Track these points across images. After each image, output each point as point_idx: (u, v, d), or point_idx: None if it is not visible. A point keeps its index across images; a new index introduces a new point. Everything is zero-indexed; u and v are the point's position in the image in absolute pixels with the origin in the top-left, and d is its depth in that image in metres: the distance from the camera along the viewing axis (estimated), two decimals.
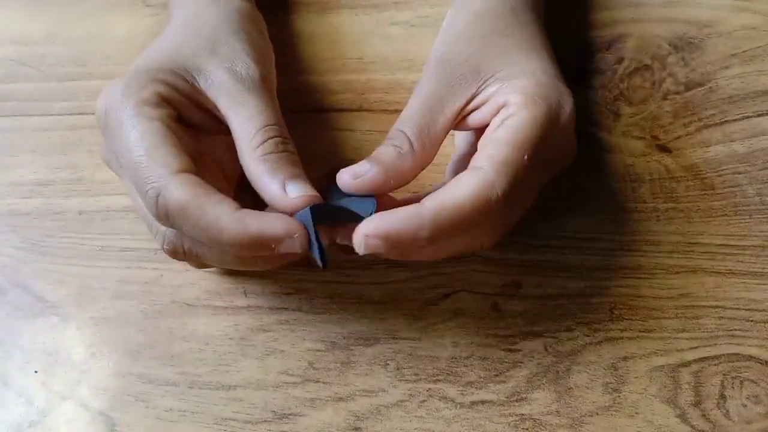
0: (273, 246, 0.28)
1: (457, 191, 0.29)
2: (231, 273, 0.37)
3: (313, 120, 0.41)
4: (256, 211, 0.29)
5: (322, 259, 0.29)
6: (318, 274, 0.36)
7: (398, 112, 0.41)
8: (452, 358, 0.34)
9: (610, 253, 0.36)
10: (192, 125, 0.33)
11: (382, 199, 0.32)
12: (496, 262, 0.36)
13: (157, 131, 0.30)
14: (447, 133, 0.33)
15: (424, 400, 0.33)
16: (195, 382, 0.34)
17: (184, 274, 0.37)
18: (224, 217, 0.28)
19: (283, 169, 0.31)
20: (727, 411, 0.33)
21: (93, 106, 0.42)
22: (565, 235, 0.37)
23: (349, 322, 0.35)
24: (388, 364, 0.34)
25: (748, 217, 0.37)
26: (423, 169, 0.32)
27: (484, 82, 0.33)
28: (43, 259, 0.38)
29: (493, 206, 0.29)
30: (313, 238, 0.29)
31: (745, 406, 0.33)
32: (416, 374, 0.34)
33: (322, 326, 0.35)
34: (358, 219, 0.30)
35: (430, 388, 0.34)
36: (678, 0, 0.44)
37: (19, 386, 0.34)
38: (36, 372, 0.35)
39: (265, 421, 0.33)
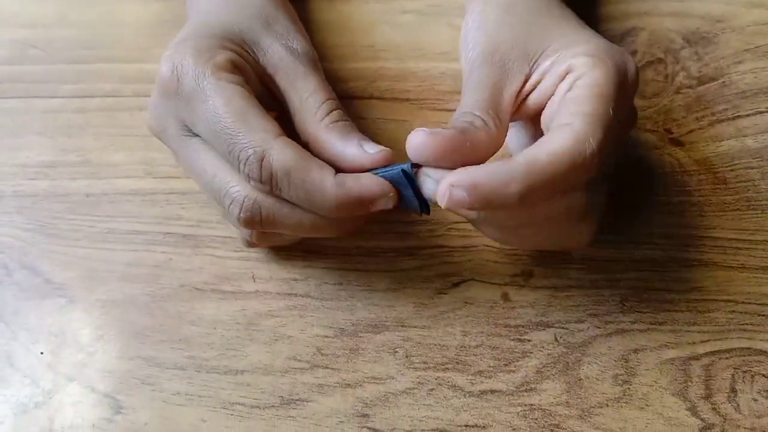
0: (370, 205, 0.30)
1: (550, 145, 0.28)
2: (240, 258, 0.36)
3: None
4: (353, 174, 0.30)
5: (424, 207, 0.30)
6: (326, 260, 0.36)
7: (409, 100, 0.41)
8: (462, 347, 0.34)
9: (622, 245, 0.36)
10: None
11: None
12: (506, 252, 0.36)
13: (245, 96, 0.30)
14: (510, 117, 0.32)
15: (432, 389, 0.33)
16: (202, 366, 0.34)
17: (192, 258, 0.37)
18: (327, 179, 0.29)
19: (354, 133, 0.31)
20: (738, 405, 0.32)
21: (101, 88, 0.42)
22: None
23: (358, 309, 0.35)
24: (396, 352, 0.34)
25: (760, 212, 0.37)
26: (495, 152, 0.30)
27: (535, 61, 0.32)
28: (51, 241, 0.38)
29: (588, 160, 0.27)
30: (409, 193, 0.30)
31: (755, 400, 0.33)
32: (425, 362, 0.34)
33: (330, 312, 0.35)
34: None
35: (439, 377, 0.33)
36: None
37: (25, 367, 0.34)
38: (42, 353, 0.35)
39: (273, 406, 0.33)
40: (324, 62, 0.43)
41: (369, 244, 0.37)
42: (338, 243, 0.37)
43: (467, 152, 0.29)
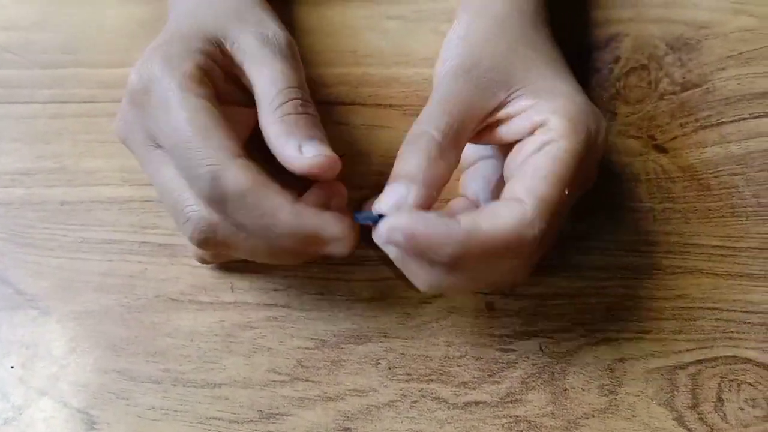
0: (323, 245, 0.29)
1: (495, 220, 0.27)
2: (218, 267, 0.36)
3: None
4: (314, 209, 0.29)
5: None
6: (307, 271, 0.35)
7: (392, 106, 0.41)
8: (445, 357, 0.33)
9: (607, 253, 0.36)
10: (223, 99, 0.32)
11: None
12: None
13: (208, 111, 0.29)
14: (471, 136, 0.31)
15: (416, 401, 0.33)
16: (179, 380, 0.33)
17: (168, 268, 0.36)
18: (283, 208, 0.28)
19: (300, 131, 0.30)
20: (725, 414, 0.32)
21: (78, 94, 0.42)
22: (561, 235, 0.36)
23: (340, 319, 0.34)
24: (379, 363, 0.33)
25: (744, 218, 0.37)
26: (451, 173, 0.30)
27: (515, 92, 0.31)
28: (24, 250, 0.37)
29: (527, 244, 0.28)
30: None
31: (742, 409, 0.32)
32: (408, 374, 0.33)
33: (311, 323, 0.34)
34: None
35: (422, 389, 0.33)
36: (675, 1, 0.44)
37: None
38: (12, 367, 0.34)
39: (251, 420, 0.32)
40: (307, 68, 0.42)
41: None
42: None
43: (435, 200, 0.29)
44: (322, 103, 0.41)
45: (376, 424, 0.32)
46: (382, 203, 0.29)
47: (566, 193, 0.29)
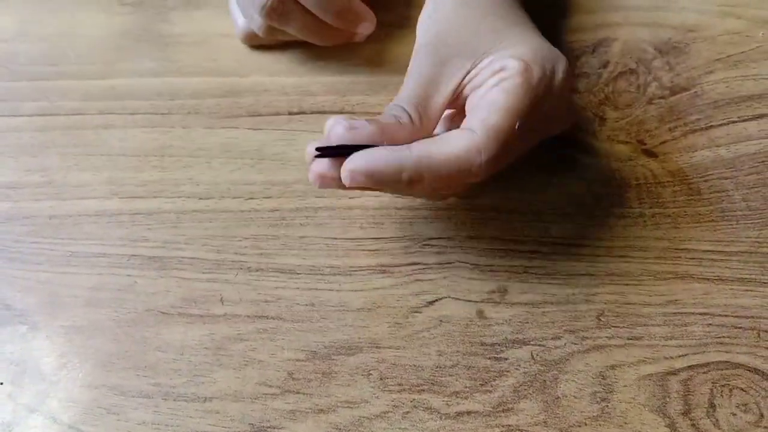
0: (360, 22, 0.41)
1: (445, 146, 0.31)
2: (208, 280, 0.35)
3: (292, 122, 0.40)
4: None
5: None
6: (297, 280, 0.35)
7: (381, 113, 0.41)
8: (437, 367, 0.33)
9: (597, 259, 0.36)
10: None
11: None
12: (481, 268, 0.36)
13: None
14: (444, 110, 0.33)
15: (408, 412, 0.32)
16: (169, 394, 0.33)
17: (158, 281, 0.36)
18: None
19: None
20: (717, 420, 0.32)
21: (64, 106, 0.41)
22: (551, 241, 0.36)
23: (331, 330, 0.34)
24: (370, 374, 0.33)
25: (735, 222, 0.37)
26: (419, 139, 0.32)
27: (479, 59, 0.33)
28: (12, 265, 0.36)
29: (474, 169, 0.31)
30: None
31: (734, 414, 0.32)
32: (400, 384, 0.33)
33: (302, 335, 0.34)
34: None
35: (414, 399, 0.33)
36: (663, 5, 0.44)
37: None
38: (1, 384, 0.33)
39: None
40: (294, 77, 0.42)
41: (341, 262, 0.36)
42: (308, 262, 0.36)
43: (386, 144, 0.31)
44: (311, 113, 0.41)
45: None
46: (337, 124, 0.31)
47: (517, 125, 0.31)
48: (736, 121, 0.40)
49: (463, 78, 0.33)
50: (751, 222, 0.37)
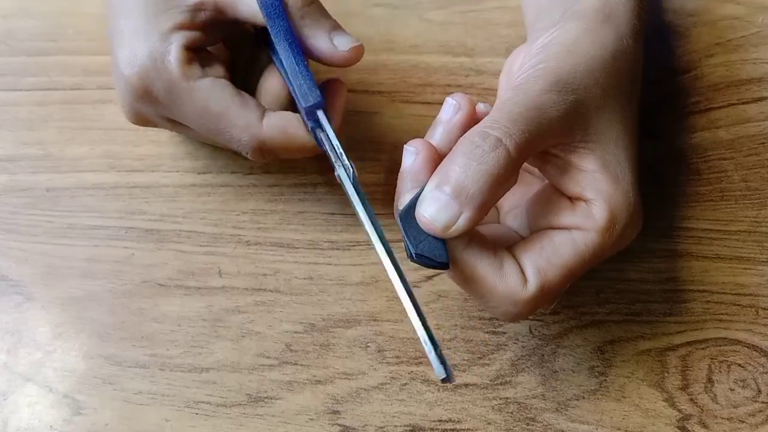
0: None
1: (492, 276, 0.27)
2: (206, 252, 0.35)
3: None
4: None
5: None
6: (295, 254, 0.35)
7: (380, 93, 0.40)
8: None
9: None
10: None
11: None
12: None
13: (217, 92, 0.31)
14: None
15: (405, 383, 0.32)
16: (166, 364, 0.33)
17: (156, 253, 0.35)
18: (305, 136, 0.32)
19: (323, 23, 0.32)
20: (715, 395, 0.32)
21: (63, 81, 0.41)
22: None
23: (329, 303, 0.34)
24: (368, 347, 0.33)
25: (733, 202, 0.37)
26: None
27: (587, 143, 0.29)
28: (8, 236, 0.36)
29: (501, 316, 0.29)
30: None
31: (732, 390, 0.32)
32: (398, 357, 0.33)
33: (300, 308, 0.34)
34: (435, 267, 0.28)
35: (412, 371, 0.33)
36: None
37: None
38: None
39: (240, 404, 0.32)
40: None
41: (340, 237, 0.36)
42: (307, 236, 0.36)
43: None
44: None
45: (366, 406, 0.32)
46: (427, 213, 0.27)
47: (568, 284, 0.28)
48: (735, 104, 0.40)
49: (565, 144, 0.28)
50: (750, 202, 0.37)
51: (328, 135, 0.31)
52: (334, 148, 0.31)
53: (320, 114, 0.31)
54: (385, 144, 0.38)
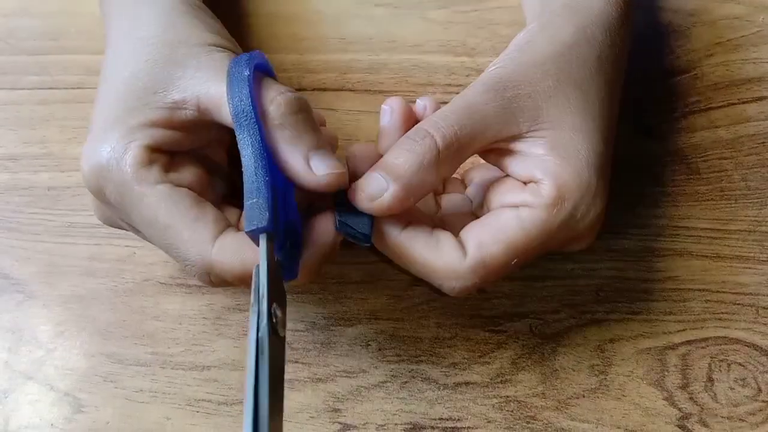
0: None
1: (430, 251, 0.28)
2: None
3: None
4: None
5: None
6: None
7: (381, 92, 0.41)
8: (435, 338, 0.33)
9: (597, 235, 0.36)
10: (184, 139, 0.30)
11: None
12: None
13: (168, 205, 0.27)
14: (472, 155, 0.30)
15: (406, 382, 0.32)
16: (167, 362, 0.33)
17: (157, 251, 0.35)
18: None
19: (303, 140, 0.27)
20: (715, 394, 0.32)
21: (65, 80, 0.41)
22: None
23: (330, 302, 0.34)
24: (369, 345, 0.33)
25: (733, 201, 0.37)
26: (440, 183, 0.29)
27: (538, 130, 0.29)
28: (10, 235, 0.36)
29: (445, 290, 0.29)
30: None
31: (732, 388, 0.32)
32: (398, 355, 0.33)
33: (301, 306, 0.34)
34: (358, 239, 0.28)
35: (412, 369, 0.33)
36: None
37: None
38: None
39: (241, 402, 0.32)
40: (294, 54, 0.42)
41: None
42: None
43: (411, 205, 0.29)
44: (311, 89, 0.41)
45: (366, 404, 0.32)
46: (358, 191, 0.28)
47: (514, 262, 0.28)
48: (735, 103, 0.40)
49: (514, 137, 0.29)
50: (750, 201, 0.37)
51: (260, 275, 0.25)
52: (257, 287, 0.25)
53: (261, 242, 0.25)
54: None
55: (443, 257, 0.28)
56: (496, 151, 0.30)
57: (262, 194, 0.25)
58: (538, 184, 0.29)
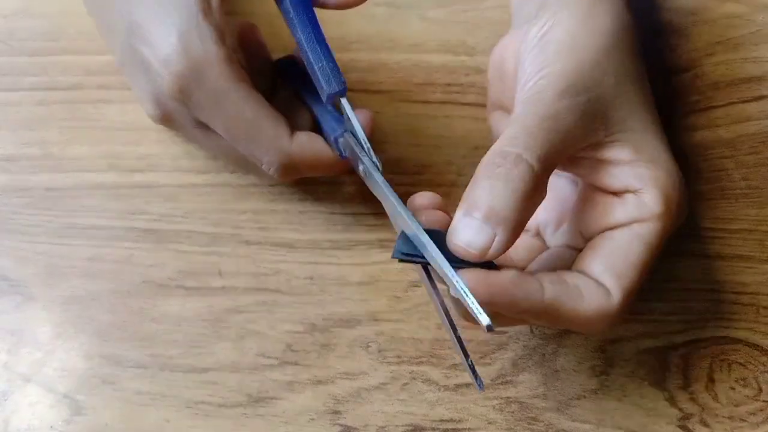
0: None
1: (578, 302, 0.26)
2: (206, 252, 0.35)
3: None
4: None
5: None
6: (295, 254, 0.35)
7: (380, 92, 0.40)
8: (436, 340, 0.33)
9: None
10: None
11: None
12: None
13: (254, 98, 0.30)
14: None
15: (406, 383, 0.32)
16: (166, 365, 0.33)
17: (155, 253, 0.35)
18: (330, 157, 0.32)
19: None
20: (716, 394, 0.32)
21: (64, 81, 0.41)
22: None
23: (330, 303, 0.34)
24: (369, 347, 0.33)
25: (734, 200, 0.37)
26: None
27: (614, 134, 0.28)
28: (8, 236, 0.36)
29: (596, 333, 0.30)
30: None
31: (733, 389, 0.32)
32: (399, 356, 0.33)
33: (301, 308, 0.34)
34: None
35: (412, 371, 0.33)
36: None
37: None
38: None
39: (240, 404, 0.32)
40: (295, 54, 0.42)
41: (340, 236, 0.36)
42: (307, 236, 0.36)
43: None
44: None
45: (367, 406, 0.32)
46: (461, 241, 0.25)
47: (648, 271, 0.28)
48: (736, 102, 0.40)
49: (594, 145, 0.28)
50: (751, 200, 0.37)
51: (354, 127, 0.30)
52: (360, 142, 0.30)
53: (344, 102, 0.30)
54: (385, 143, 0.38)
55: (593, 304, 0.26)
56: (576, 161, 0.28)
57: (329, 58, 0.30)
58: (638, 194, 0.28)
